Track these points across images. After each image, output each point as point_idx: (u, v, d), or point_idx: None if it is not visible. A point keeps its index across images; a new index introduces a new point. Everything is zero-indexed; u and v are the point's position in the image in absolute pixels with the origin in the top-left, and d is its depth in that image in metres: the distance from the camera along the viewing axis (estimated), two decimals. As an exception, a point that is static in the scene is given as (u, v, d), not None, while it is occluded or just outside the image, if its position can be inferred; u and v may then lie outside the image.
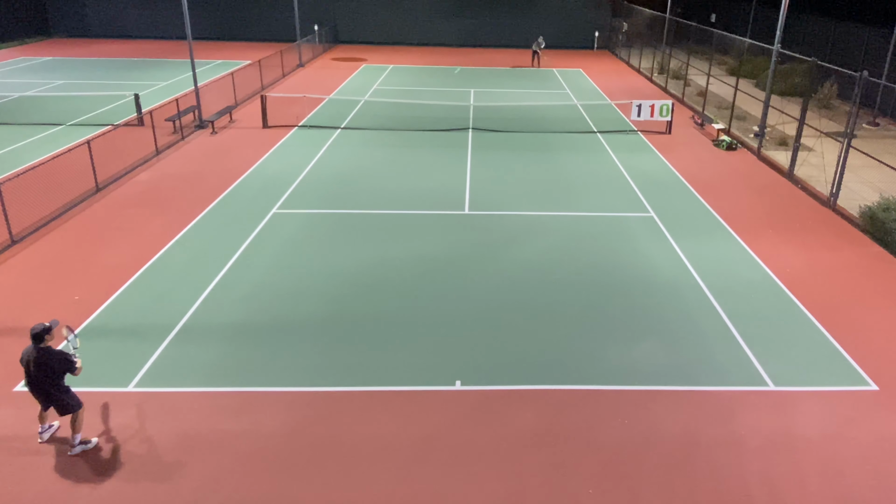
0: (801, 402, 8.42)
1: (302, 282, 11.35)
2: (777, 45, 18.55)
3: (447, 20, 42.63)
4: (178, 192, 15.51)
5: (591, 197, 15.66)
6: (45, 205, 14.34)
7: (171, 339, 9.63)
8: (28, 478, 7.07)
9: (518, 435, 7.80)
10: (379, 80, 30.78)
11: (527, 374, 8.93)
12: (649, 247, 12.91)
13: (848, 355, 9.46)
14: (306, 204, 14.91)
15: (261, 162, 17.93)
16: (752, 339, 9.78)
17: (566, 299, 10.89)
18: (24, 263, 11.90)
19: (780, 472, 7.26)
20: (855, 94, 14.41)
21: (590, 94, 27.94)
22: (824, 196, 15.52)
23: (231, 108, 23.05)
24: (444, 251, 12.62)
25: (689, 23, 29.37)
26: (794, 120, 19.40)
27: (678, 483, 7.11)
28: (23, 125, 21.06)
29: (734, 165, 18.38)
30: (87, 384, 8.53)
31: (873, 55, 24.53)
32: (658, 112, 21.41)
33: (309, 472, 7.22)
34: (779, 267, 12.13)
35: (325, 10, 42.04)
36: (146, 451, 7.46)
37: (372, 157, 18.46)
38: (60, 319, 10.06)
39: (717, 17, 39.47)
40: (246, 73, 27.72)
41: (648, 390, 8.63)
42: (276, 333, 9.81)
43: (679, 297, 10.98)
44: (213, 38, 42.36)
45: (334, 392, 8.53)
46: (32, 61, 33.84)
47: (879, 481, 7.17)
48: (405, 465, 7.34)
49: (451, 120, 22.79)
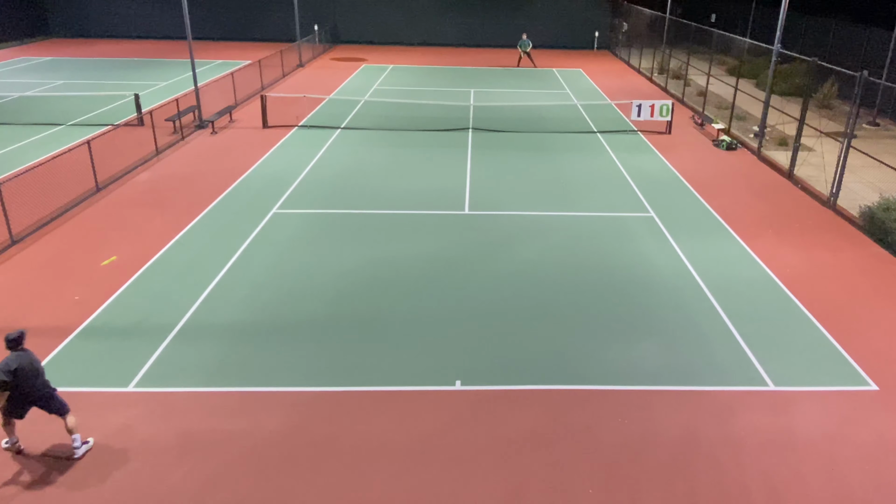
0: (801, 402, 8.42)
1: (302, 282, 11.35)
2: (777, 45, 18.55)
3: (447, 20, 42.62)
4: (178, 192, 15.51)
5: (591, 197, 15.66)
6: (45, 205, 14.35)
7: (171, 339, 9.63)
8: (27, 477, 7.07)
9: (518, 435, 7.80)
10: (379, 80, 30.78)
11: (527, 374, 8.93)
12: (649, 247, 12.92)
13: (848, 355, 9.46)
14: (306, 204, 14.91)
15: (261, 162, 17.93)
16: (752, 339, 9.79)
17: (566, 299, 10.89)
18: (24, 263, 11.91)
19: (780, 472, 7.27)
20: (855, 94, 14.41)
21: (590, 94, 27.94)
22: (824, 196, 15.52)
23: (231, 108, 23.06)
24: (444, 251, 12.62)
25: (688, 23, 29.38)
26: (794, 120, 19.41)
27: (678, 483, 7.11)
28: (23, 125, 21.06)
29: (734, 165, 18.38)
30: (87, 384, 8.55)
31: (873, 55, 24.53)
32: (658, 112, 21.42)
33: (309, 472, 7.22)
34: (779, 267, 12.13)
35: (325, 10, 42.03)
36: (146, 451, 7.46)
37: (372, 157, 18.47)
38: (60, 319, 10.09)
39: (717, 18, 39.46)
40: (246, 73, 27.73)
41: (648, 390, 8.63)
42: (276, 333, 9.81)
43: (679, 297, 10.98)
44: (213, 38, 42.36)
45: (334, 392, 8.53)
46: (32, 61, 33.84)
47: (879, 481, 7.17)
48: (405, 465, 7.34)
49: (451, 120, 22.80)
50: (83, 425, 7.77)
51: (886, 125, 22.69)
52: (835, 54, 27.33)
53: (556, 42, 42.66)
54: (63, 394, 8.32)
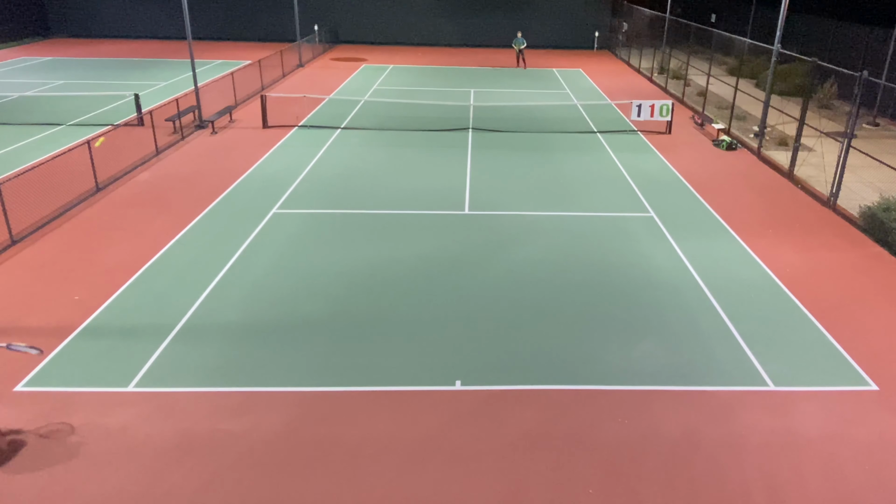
0: (801, 402, 8.42)
1: (302, 282, 11.35)
2: (777, 45, 18.55)
3: (447, 20, 42.62)
4: (178, 192, 15.51)
5: (592, 197, 15.66)
6: (45, 205, 14.35)
7: (171, 339, 9.63)
8: (27, 477, 7.07)
9: (518, 435, 7.80)
10: (379, 80, 30.78)
11: (527, 374, 8.93)
12: (649, 247, 12.92)
13: (848, 355, 9.46)
14: (306, 204, 14.91)
15: (261, 162, 17.93)
16: (752, 339, 9.78)
17: (566, 299, 10.89)
18: (24, 263, 11.90)
19: (780, 472, 7.27)
20: (855, 94, 14.41)
21: (590, 94, 27.94)
22: (824, 196, 15.52)
23: (231, 108, 23.06)
24: (444, 251, 12.62)
25: (689, 23, 29.38)
26: (794, 120, 19.41)
27: (678, 483, 7.11)
28: (23, 125, 21.06)
29: (734, 165, 18.38)
30: (87, 384, 8.55)
31: (873, 55, 24.53)
32: (658, 112, 21.41)
33: (309, 472, 7.22)
34: (779, 267, 12.13)
35: (325, 10, 42.03)
36: (146, 451, 7.46)
37: (372, 157, 18.47)
38: (60, 319, 10.09)
39: (717, 17, 39.47)
40: (246, 73, 27.72)
41: (648, 390, 8.63)
42: (276, 333, 9.81)
43: (679, 297, 10.98)
44: (213, 38, 42.36)
45: (334, 392, 8.53)
46: (32, 61, 33.84)
47: (879, 481, 7.17)
48: (405, 465, 7.34)
49: (451, 120, 22.80)
50: (83, 425, 7.79)
51: (886, 125, 22.69)
52: (835, 54, 27.33)
53: (556, 42, 42.67)
54: (63, 394, 8.37)
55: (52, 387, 8.51)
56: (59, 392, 8.41)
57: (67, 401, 8.25)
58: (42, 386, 8.53)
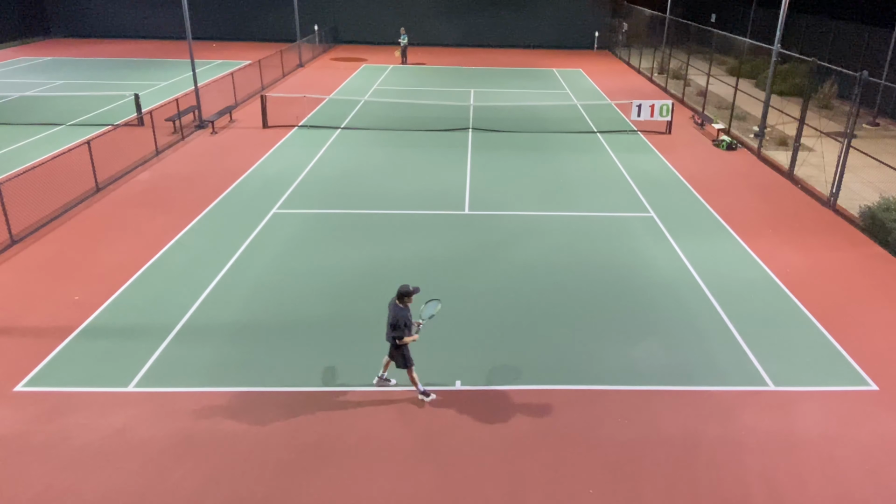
0: (801, 402, 8.42)
1: (302, 282, 11.35)
2: (777, 45, 18.55)
3: (447, 20, 42.62)
4: (178, 192, 15.51)
5: (592, 197, 15.66)
6: (45, 205, 14.35)
7: (171, 339, 9.63)
8: (27, 478, 7.07)
9: (518, 435, 7.80)
10: (379, 80, 30.78)
11: (527, 374, 8.93)
12: (649, 247, 12.91)
13: (848, 355, 9.45)
14: (306, 204, 14.91)
15: (261, 162, 17.93)
16: (752, 339, 9.78)
17: (566, 299, 10.89)
18: (24, 263, 11.90)
19: (780, 472, 7.26)
20: (855, 94, 14.41)
21: (590, 94, 27.94)
22: (824, 196, 15.52)
23: (231, 108, 23.06)
24: (444, 251, 12.62)
25: (689, 23, 29.37)
26: (794, 120, 19.41)
27: (678, 483, 7.11)
28: (23, 125, 21.06)
29: (734, 165, 18.38)
30: (87, 384, 8.55)
31: (873, 55, 24.53)
32: (658, 112, 21.42)
33: (309, 471, 7.22)
34: (779, 267, 12.13)
35: (325, 10, 42.03)
36: (146, 451, 7.45)
37: (372, 157, 18.46)
38: (60, 319, 10.09)
39: (717, 18, 39.46)
40: (246, 73, 27.72)
41: (648, 390, 8.62)
42: (276, 333, 9.81)
43: (679, 297, 10.97)
44: (213, 38, 42.34)
45: (334, 392, 8.52)
46: (32, 61, 33.84)
47: (879, 481, 7.17)
48: (405, 465, 7.34)
49: (451, 120, 22.79)
50: (83, 425, 7.78)
51: (886, 125, 22.69)
52: (835, 54, 27.33)
53: (556, 42, 42.66)
54: (63, 394, 8.37)
55: (52, 387, 8.51)
56: (59, 392, 8.41)
57: (67, 401, 8.25)
58: (42, 386, 8.53)
